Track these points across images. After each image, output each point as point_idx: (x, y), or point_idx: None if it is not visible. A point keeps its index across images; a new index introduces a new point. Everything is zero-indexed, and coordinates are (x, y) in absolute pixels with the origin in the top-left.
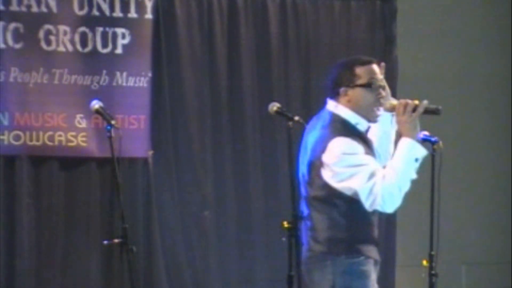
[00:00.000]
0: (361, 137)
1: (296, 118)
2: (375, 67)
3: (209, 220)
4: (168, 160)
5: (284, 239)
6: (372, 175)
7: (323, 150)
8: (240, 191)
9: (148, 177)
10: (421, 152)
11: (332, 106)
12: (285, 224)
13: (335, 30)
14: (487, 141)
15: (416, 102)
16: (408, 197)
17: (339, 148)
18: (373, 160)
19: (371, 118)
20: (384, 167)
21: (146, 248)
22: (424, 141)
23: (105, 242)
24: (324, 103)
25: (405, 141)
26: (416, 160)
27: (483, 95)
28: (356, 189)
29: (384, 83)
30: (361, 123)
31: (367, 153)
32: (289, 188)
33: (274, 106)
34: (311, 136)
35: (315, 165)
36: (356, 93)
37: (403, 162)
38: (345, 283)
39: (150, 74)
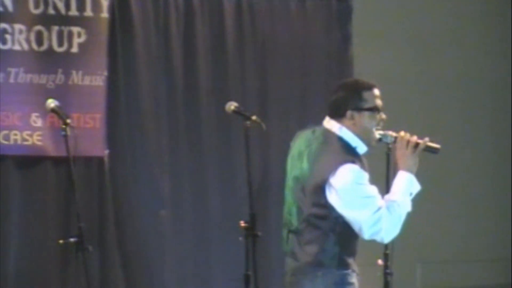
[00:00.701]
0: (360, 161)
1: (253, 117)
2: (377, 91)
3: (165, 219)
4: (124, 159)
5: (241, 238)
6: (379, 208)
7: (332, 173)
8: (196, 190)
9: (104, 176)
10: (417, 187)
11: (335, 127)
12: (242, 223)
13: (291, 29)
14: (444, 141)
15: (415, 137)
16: None
17: (350, 176)
18: (376, 190)
19: (371, 142)
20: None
21: (102, 247)
22: (379, 141)
23: (61, 241)
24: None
25: (405, 175)
26: (411, 194)
27: (439, 94)
28: (361, 220)
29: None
30: (360, 147)
31: (371, 181)
32: (246, 188)
33: (232, 106)
34: (309, 151)
35: (320, 185)
36: (362, 117)
37: (403, 195)
38: None
39: (106, 73)
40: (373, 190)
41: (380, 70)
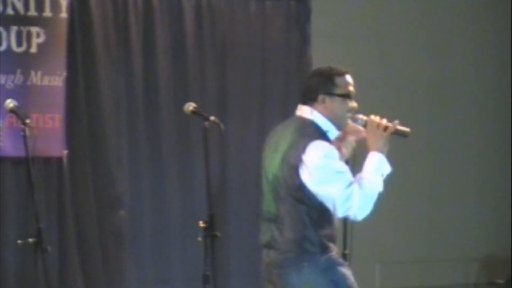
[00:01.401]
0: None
1: (212, 118)
2: (350, 78)
3: (124, 219)
4: (83, 160)
5: (199, 238)
6: (350, 184)
7: (303, 151)
8: (156, 190)
9: (63, 177)
10: (387, 168)
11: (307, 111)
12: (201, 223)
13: (251, 30)
14: (402, 143)
15: (385, 120)
16: None
17: (320, 151)
18: (347, 168)
19: (342, 127)
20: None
21: (61, 247)
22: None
23: (19, 241)
24: (240, 104)
25: (376, 156)
26: (382, 175)
27: (397, 93)
28: (334, 195)
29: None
30: (331, 131)
31: (340, 159)
32: (205, 188)
33: (190, 106)
34: (283, 139)
35: (292, 165)
36: (333, 101)
37: (374, 174)
38: (326, 278)
39: (65, 73)
40: (344, 166)
41: None
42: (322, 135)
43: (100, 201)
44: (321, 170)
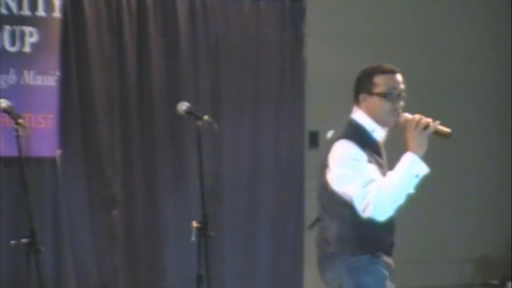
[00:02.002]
0: (372, 145)
1: (205, 117)
2: (395, 76)
3: (118, 219)
4: (76, 160)
5: (193, 239)
6: (368, 183)
7: (329, 151)
8: (149, 190)
9: (56, 177)
10: (423, 169)
11: (354, 111)
12: (195, 223)
13: (245, 29)
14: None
15: (429, 120)
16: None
17: (342, 150)
18: (374, 169)
19: (387, 125)
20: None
21: (54, 248)
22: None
23: (13, 242)
24: (234, 104)
25: (409, 156)
26: (417, 176)
27: None
28: (351, 194)
29: (403, 94)
30: (377, 131)
31: (370, 161)
32: (199, 188)
33: (183, 106)
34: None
35: (323, 165)
36: (373, 101)
37: (403, 176)
38: (352, 279)
39: (58, 73)
40: (367, 167)
41: (334, 70)
42: (365, 135)
43: (94, 201)
44: (341, 169)
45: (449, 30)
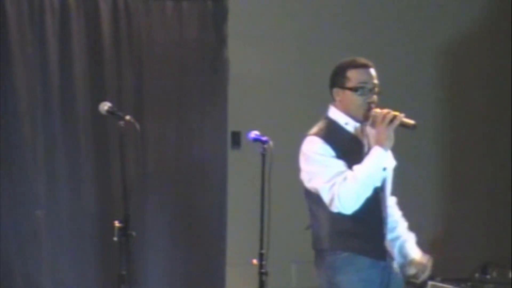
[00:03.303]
0: (345, 138)
1: (128, 117)
2: (368, 71)
3: (41, 219)
4: None
5: (115, 238)
6: (334, 176)
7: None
8: (72, 190)
9: None
10: (390, 162)
11: (329, 107)
12: (117, 223)
13: (168, 30)
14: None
15: (396, 113)
16: (239, 196)
17: (307, 147)
18: (341, 164)
19: (360, 117)
20: None
21: None
22: (255, 141)
23: None
24: (157, 104)
25: (376, 150)
26: (384, 169)
27: (318, 95)
28: (319, 188)
29: (377, 88)
30: (350, 123)
31: (338, 157)
32: (121, 188)
33: (105, 106)
34: None
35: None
36: (346, 95)
37: (369, 169)
38: (327, 277)
39: None
40: (333, 161)
41: (256, 70)
42: (335, 130)
43: (16, 200)
44: (307, 166)
45: (378, 31)
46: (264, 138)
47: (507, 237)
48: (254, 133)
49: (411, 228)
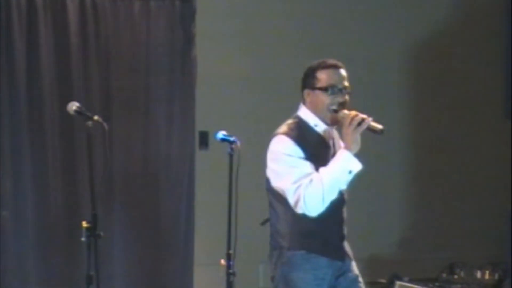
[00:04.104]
0: (314, 139)
1: (96, 117)
2: (338, 71)
3: (7, 220)
4: None
5: (83, 239)
6: (300, 178)
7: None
8: (39, 190)
9: None
10: (356, 165)
11: (300, 107)
12: (84, 224)
13: (135, 29)
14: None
15: (364, 116)
16: (206, 197)
17: (276, 146)
18: (309, 165)
19: (328, 121)
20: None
21: None
22: (222, 141)
23: None
24: (125, 103)
25: (343, 152)
26: (350, 172)
27: (286, 94)
28: (284, 189)
29: (347, 89)
30: (319, 125)
31: (307, 158)
32: (89, 188)
33: (73, 106)
34: None
35: (266, 161)
36: (315, 95)
37: (335, 172)
38: (283, 273)
39: None
40: (301, 162)
41: (224, 70)
42: (303, 130)
43: None
44: (274, 165)
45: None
46: (232, 138)
47: (474, 236)
48: (221, 133)
49: (380, 229)
